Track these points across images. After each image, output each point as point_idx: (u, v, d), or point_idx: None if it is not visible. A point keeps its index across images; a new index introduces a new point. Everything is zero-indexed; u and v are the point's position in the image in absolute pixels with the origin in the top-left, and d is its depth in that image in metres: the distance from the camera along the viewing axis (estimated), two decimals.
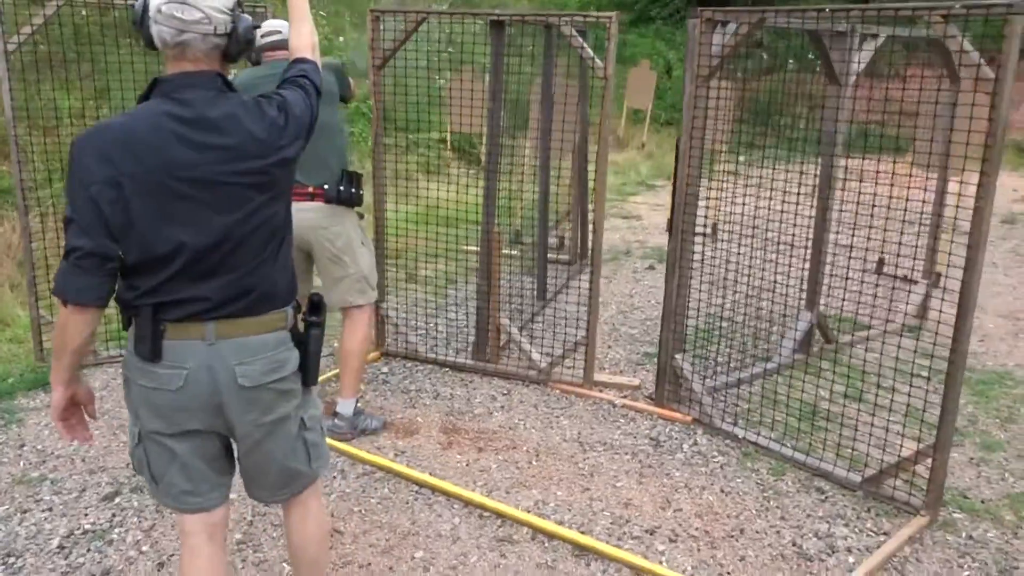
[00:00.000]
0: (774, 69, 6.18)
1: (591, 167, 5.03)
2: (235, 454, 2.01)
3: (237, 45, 1.79)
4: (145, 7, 1.72)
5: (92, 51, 4.20)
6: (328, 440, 3.40)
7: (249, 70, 3.40)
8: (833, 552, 2.80)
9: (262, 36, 3.32)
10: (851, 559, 2.76)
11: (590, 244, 6.93)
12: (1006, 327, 5.26)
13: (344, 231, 3.34)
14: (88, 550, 2.70)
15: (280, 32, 3.33)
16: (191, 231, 1.71)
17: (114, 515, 2.91)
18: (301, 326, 1.97)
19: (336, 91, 3.33)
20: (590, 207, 5.60)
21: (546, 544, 2.81)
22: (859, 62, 4.19)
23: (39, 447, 3.38)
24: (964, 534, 2.94)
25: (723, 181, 4.08)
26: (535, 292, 5.33)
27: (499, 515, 2.95)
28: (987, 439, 3.67)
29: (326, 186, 3.28)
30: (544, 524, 2.88)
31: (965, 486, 3.28)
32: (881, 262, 5.97)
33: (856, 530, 2.94)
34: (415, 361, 4.35)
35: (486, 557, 2.72)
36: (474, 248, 4.49)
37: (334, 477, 3.20)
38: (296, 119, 1.85)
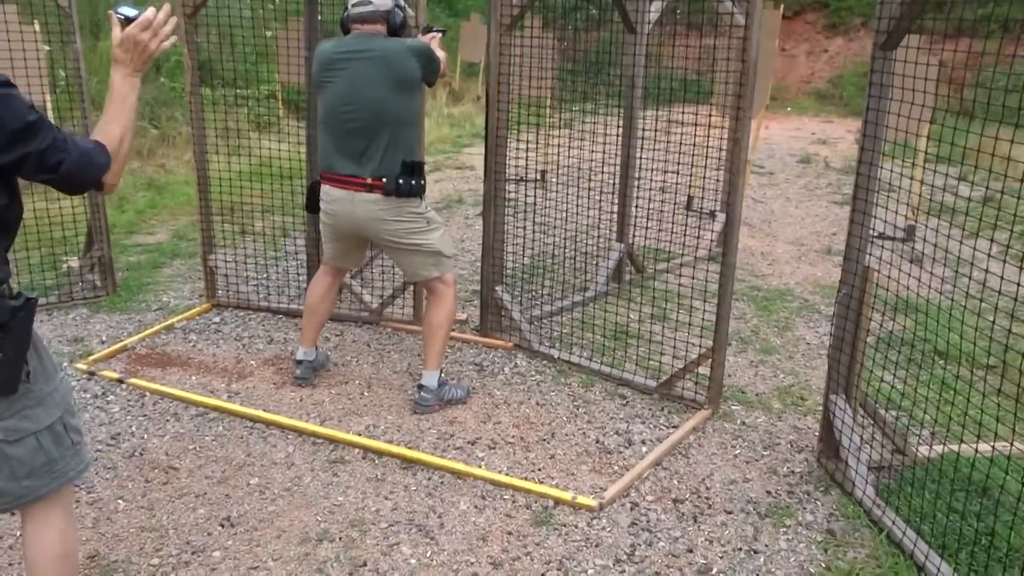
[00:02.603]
0: (582, 21, 6.54)
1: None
2: None
3: None
4: None
5: None
6: (152, 384, 3.48)
7: (334, 41, 3.23)
8: (630, 445, 3.21)
9: (352, 5, 3.16)
10: (644, 449, 3.18)
11: None
12: (792, 252, 5.96)
13: (404, 223, 3.20)
14: None
15: (371, 3, 3.13)
16: None
17: None
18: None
19: (418, 77, 3.15)
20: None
21: (376, 461, 3.04)
22: (652, 11, 4.59)
23: None
24: (739, 421, 3.44)
25: (548, 129, 4.40)
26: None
27: (331, 440, 3.15)
28: (766, 345, 4.24)
29: (384, 179, 3.12)
30: (373, 443, 3.11)
31: (744, 384, 3.80)
32: (690, 199, 6.56)
33: (651, 426, 3.37)
34: (248, 310, 4.42)
35: (319, 477, 2.93)
36: None
37: (167, 420, 3.28)
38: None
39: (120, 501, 2.74)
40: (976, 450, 2.57)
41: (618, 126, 4.67)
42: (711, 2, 3.74)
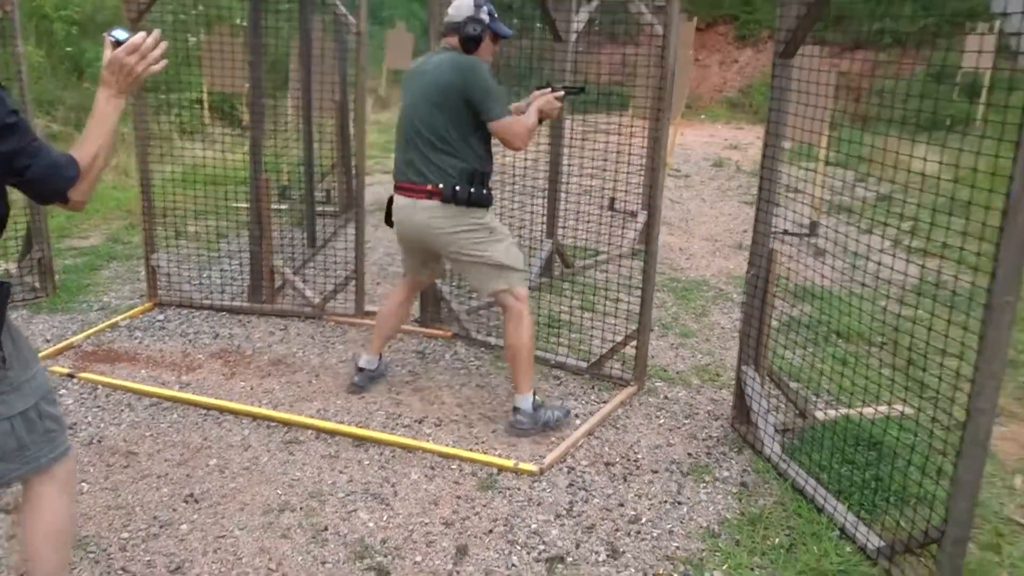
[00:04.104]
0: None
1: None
2: None
3: None
4: None
5: None
6: (103, 378, 3.57)
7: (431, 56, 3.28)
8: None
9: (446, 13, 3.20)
10: (578, 421, 3.47)
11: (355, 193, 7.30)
12: (707, 247, 6.38)
13: (464, 233, 3.19)
14: None
15: (449, 13, 3.18)
16: None
17: None
18: None
19: (456, 92, 3.11)
20: (353, 160, 5.96)
21: (329, 440, 3.23)
22: (578, 22, 4.91)
23: None
24: (662, 396, 3.76)
25: None
26: (305, 241, 5.63)
27: (285, 423, 3.33)
28: (685, 329, 4.60)
29: (442, 185, 3.13)
30: (326, 424, 3.30)
31: (667, 363, 4.14)
32: (612, 200, 6.92)
33: (584, 402, 3.66)
34: (191, 308, 4.53)
35: (276, 456, 3.10)
36: (243, 205, 4.72)
37: (122, 410, 3.39)
38: None
39: (84, 484, 2.86)
40: (864, 405, 2.95)
41: (548, 131, 4.97)
42: (632, 13, 4.08)
